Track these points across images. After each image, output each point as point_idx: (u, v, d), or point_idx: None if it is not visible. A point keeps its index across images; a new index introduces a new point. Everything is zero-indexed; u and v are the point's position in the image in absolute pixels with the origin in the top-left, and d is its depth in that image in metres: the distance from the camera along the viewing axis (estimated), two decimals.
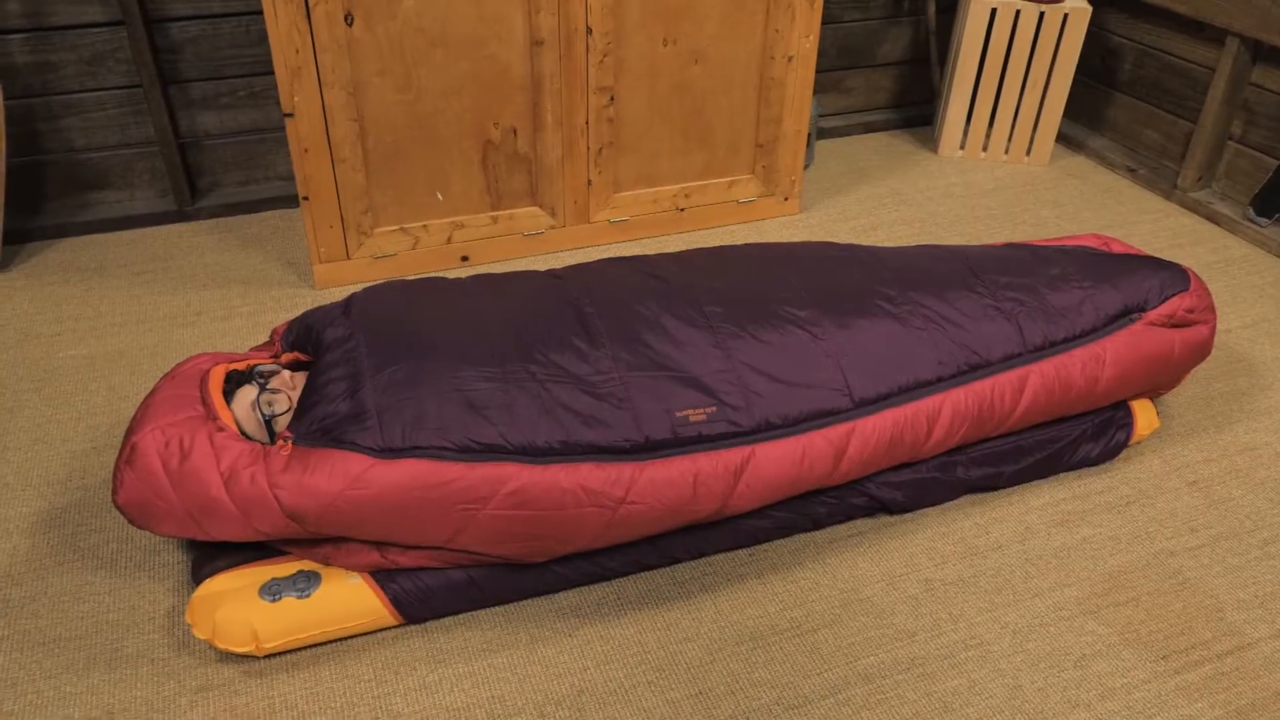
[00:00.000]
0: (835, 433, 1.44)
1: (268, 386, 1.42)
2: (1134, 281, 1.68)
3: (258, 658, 1.34)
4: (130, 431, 1.35)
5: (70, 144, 2.31)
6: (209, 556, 1.40)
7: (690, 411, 1.39)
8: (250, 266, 2.24)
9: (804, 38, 2.27)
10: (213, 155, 2.44)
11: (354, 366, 1.38)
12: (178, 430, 1.31)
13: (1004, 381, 1.55)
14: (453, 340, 1.41)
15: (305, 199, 2.05)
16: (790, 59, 2.29)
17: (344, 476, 1.25)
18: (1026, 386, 1.56)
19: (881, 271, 1.65)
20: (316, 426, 1.31)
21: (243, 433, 1.39)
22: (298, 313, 2.09)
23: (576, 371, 1.41)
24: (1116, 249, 1.84)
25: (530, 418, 1.33)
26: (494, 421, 1.31)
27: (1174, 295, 1.67)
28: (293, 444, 1.29)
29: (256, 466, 1.28)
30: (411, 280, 1.60)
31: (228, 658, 1.34)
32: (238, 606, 1.29)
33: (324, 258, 2.13)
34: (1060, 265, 1.71)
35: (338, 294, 2.15)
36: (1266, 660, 1.38)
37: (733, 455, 1.39)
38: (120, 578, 1.46)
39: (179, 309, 2.09)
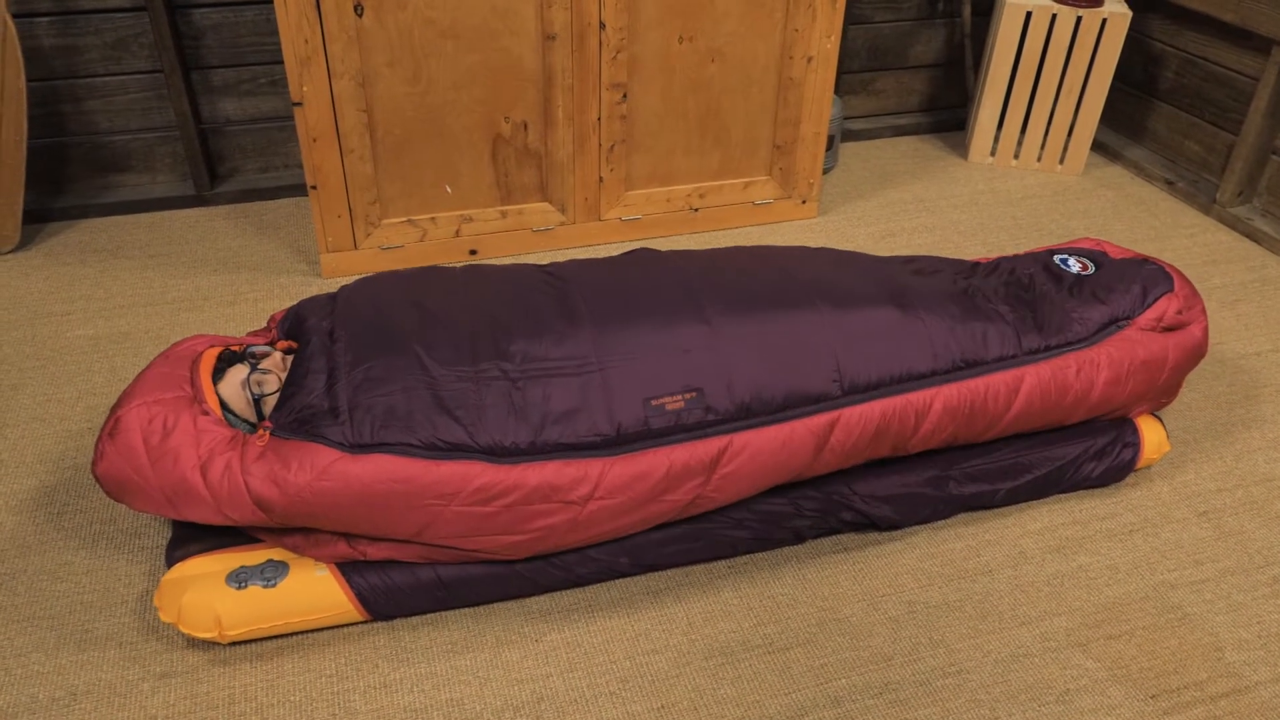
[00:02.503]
0: (819, 422, 1.40)
1: (259, 367, 1.43)
2: (1117, 294, 1.63)
3: (222, 645, 1.34)
4: (117, 405, 1.36)
5: (94, 127, 2.34)
6: (183, 539, 1.40)
7: (667, 399, 1.36)
8: (262, 253, 2.25)
9: (825, 38, 2.22)
10: (233, 141, 2.46)
11: (332, 360, 1.37)
12: (163, 409, 1.32)
13: (998, 381, 1.51)
14: (430, 338, 1.40)
15: (313, 188, 2.05)
16: (810, 59, 2.23)
17: (312, 469, 1.25)
18: (1022, 387, 1.52)
19: (882, 275, 1.61)
20: (294, 417, 1.31)
21: (230, 412, 1.40)
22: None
23: (552, 355, 1.38)
24: (1110, 251, 1.79)
25: (499, 418, 1.31)
26: (462, 422, 1.30)
27: (1159, 298, 1.62)
28: (270, 434, 1.29)
29: (232, 454, 1.28)
30: (402, 272, 1.59)
31: (194, 644, 1.34)
32: (203, 592, 1.29)
33: (331, 247, 2.14)
34: (1046, 285, 1.67)
35: (343, 284, 2.15)
36: (1263, 706, 1.31)
37: (709, 446, 1.36)
38: (99, 558, 1.47)
39: (188, 293, 2.10)
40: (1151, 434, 1.66)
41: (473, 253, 2.25)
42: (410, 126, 2.06)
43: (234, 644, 1.34)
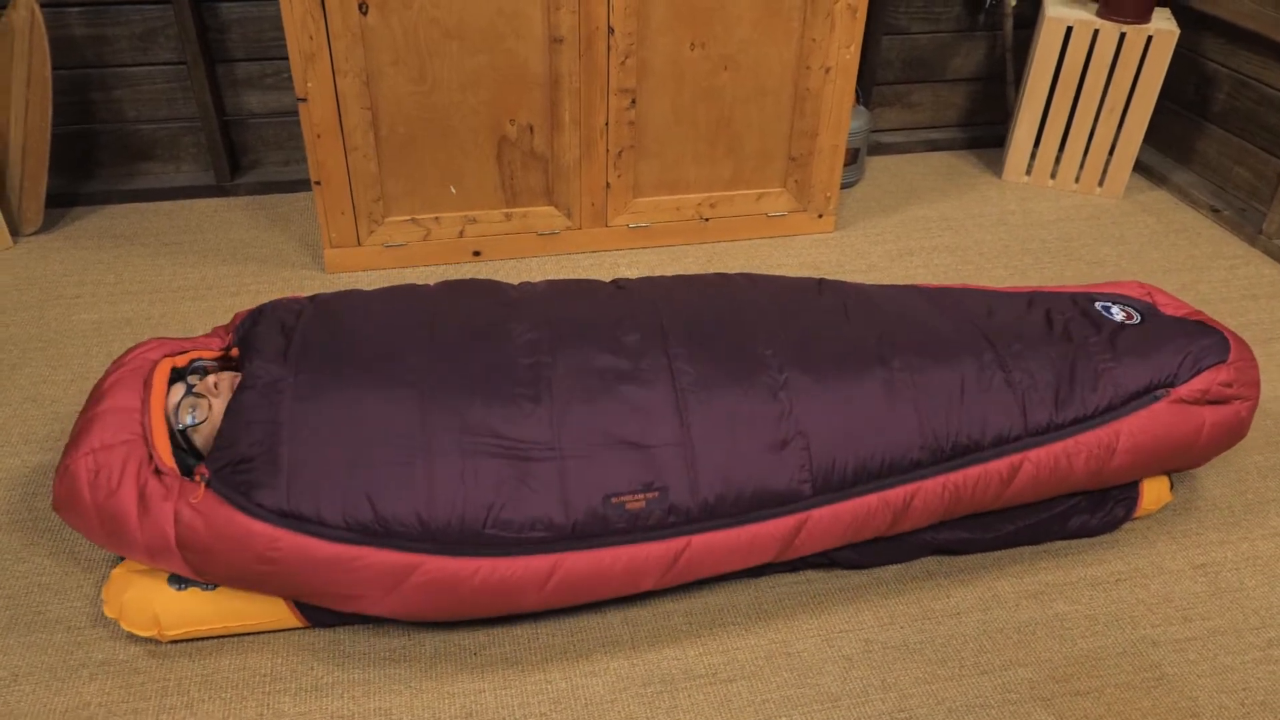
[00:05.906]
0: (784, 525, 1.34)
1: (194, 390, 1.41)
2: (1164, 354, 1.49)
3: (161, 642, 1.35)
4: (69, 445, 1.32)
5: (121, 115, 2.40)
6: None
7: (628, 497, 1.30)
8: (271, 245, 2.28)
9: (844, 48, 2.15)
10: (256, 134, 2.49)
11: (275, 412, 1.31)
12: (108, 458, 1.28)
13: (992, 470, 1.40)
14: (388, 394, 1.34)
15: (317, 184, 2.07)
16: (828, 70, 2.17)
17: (247, 551, 1.22)
18: (1018, 475, 1.41)
19: (880, 327, 1.51)
20: (229, 467, 1.26)
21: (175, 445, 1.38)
22: (302, 295, 2.10)
23: (512, 435, 1.32)
24: (1160, 300, 1.66)
25: (446, 498, 1.26)
26: (406, 500, 1.25)
27: (1209, 368, 1.48)
28: (206, 486, 1.25)
29: (167, 524, 1.24)
30: (373, 294, 1.55)
31: (137, 635, 1.35)
32: (145, 591, 1.30)
33: (335, 243, 2.15)
34: (1083, 331, 1.54)
35: (347, 279, 2.16)
36: None
37: (667, 547, 1.31)
38: (64, 542, 1.49)
39: (194, 282, 2.14)
40: (1152, 486, 1.56)
41: (476, 254, 2.24)
42: (415, 126, 2.06)
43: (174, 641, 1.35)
